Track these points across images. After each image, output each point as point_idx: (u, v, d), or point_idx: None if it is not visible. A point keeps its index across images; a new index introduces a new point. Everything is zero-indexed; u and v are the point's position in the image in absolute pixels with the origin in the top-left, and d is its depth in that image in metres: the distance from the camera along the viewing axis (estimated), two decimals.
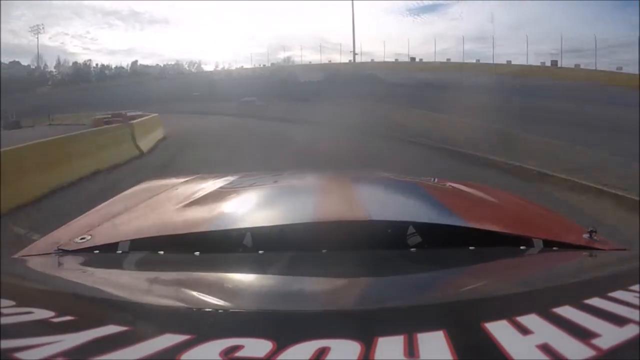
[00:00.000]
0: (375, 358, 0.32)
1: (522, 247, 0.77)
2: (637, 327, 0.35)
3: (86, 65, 49.88)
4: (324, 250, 0.71)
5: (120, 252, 0.75)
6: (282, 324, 0.40)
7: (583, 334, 0.34)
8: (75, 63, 50.04)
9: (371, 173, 1.43)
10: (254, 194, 1.06)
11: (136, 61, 49.27)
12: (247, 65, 39.87)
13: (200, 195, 1.02)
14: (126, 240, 0.77)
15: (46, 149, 5.18)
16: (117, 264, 0.71)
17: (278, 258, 0.69)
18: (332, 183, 1.21)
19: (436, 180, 1.32)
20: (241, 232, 0.82)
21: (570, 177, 4.64)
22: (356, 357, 0.31)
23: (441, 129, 8.49)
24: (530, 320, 0.36)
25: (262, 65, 38.54)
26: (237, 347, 0.33)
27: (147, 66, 46.73)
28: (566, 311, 0.38)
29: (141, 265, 0.71)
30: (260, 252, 0.75)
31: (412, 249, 0.79)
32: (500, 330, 0.35)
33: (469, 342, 0.35)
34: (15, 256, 0.75)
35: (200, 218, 0.87)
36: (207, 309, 0.47)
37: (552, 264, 0.73)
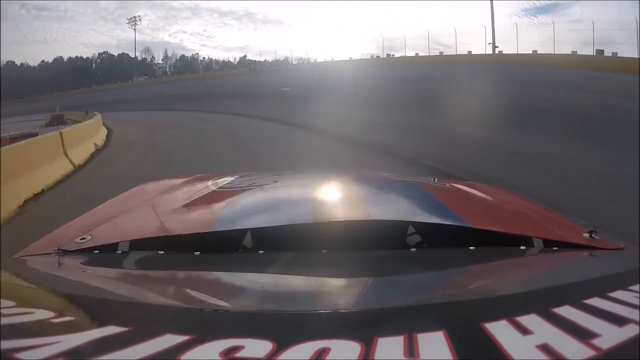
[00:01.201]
0: (375, 358, 0.32)
1: (522, 247, 0.77)
2: (637, 327, 0.35)
3: (194, 58, 54.54)
4: (324, 250, 0.71)
5: (120, 252, 0.75)
6: (282, 324, 0.40)
7: (583, 334, 0.34)
8: (182, 56, 55.63)
9: (371, 173, 1.43)
10: (254, 194, 1.06)
11: (245, 56, 53.13)
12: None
13: (200, 195, 1.02)
14: (126, 240, 0.77)
15: None
16: (117, 264, 0.71)
17: (278, 258, 0.69)
18: (332, 183, 1.21)
19: (436, 180, 1.32)
20: (241, 232, 0.82)
21: None
22: (356, 357, 0.31)
23: None
24: (530, 320, 0.36)
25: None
26: (237, 347, 0.33)
27: (254, 61, 49.66)
28: (566, 311, 0.38)
29: (141, 265, 0.71)
30: (260, 252, 0.75)
31: (412, 249, 0.79)
32: (500, 330, 0.35)
33: (469, 342, 0.35)
34: (15, 256, 0.75)
35: (200, 218, 0.88)
36: (207, 309, 0.47)
37: (552, 264, 0.73)
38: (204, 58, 56.84)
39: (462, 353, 0.32)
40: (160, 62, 55.06)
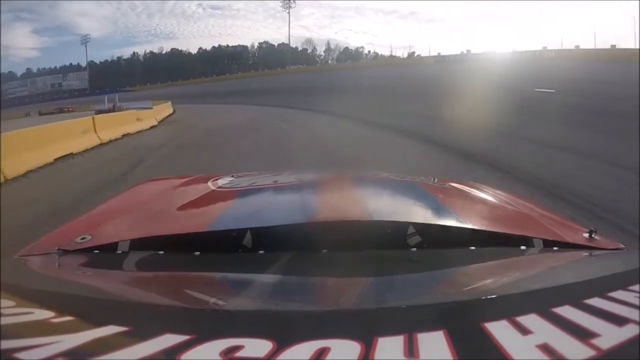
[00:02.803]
0: (375, 358, 0.32)
1: (522, 247, 0.77)
2: (637, 327, 0.35)
3: (358, 51, 57.72)
4: (324, 250, 0.71)
5: (120, 252, 0.75)
6: (282, 324, 0.40)
7: (583, 334, 0.34)
8: (346, 48, 59.88)
9: (371, 173, 1.43)
10: (254, 194, 1.06)
11: (413, 52, 54.04)
12: None
13: (200, 195, 1.02)
14: (126, 240, 0.77)
15: None
16: (117, 264, 0.71)
17: (278, 258, 0.69)
18: (332, 183, 1.21)
19: (436, 180, 1.32)
20: (241, 232, 0.82)
21: None
22: (356, 357, 0.31)
23: None
24: (530, 320, 0.36)
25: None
26: (237, 347, 0.33)
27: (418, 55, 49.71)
28: (566, 311, 0.38)
29: (141, 265, 0.71)
30: (260, 252, 0.75)
31: (412, 249, 0.79)
32: (500, 330, 0.35)
33: (469, 342, 0.35)
34: (15, 256, 0.75)
35: (200, 218, 0.88)
36: (207, 309, 0.47)
37: (552, 264, 0.73)
38: (369, 52, 59.29)
39: (462, 353, 0.32)
40: (322, 53, 58.32)
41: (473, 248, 0.73)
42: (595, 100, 9.59)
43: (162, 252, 0.73)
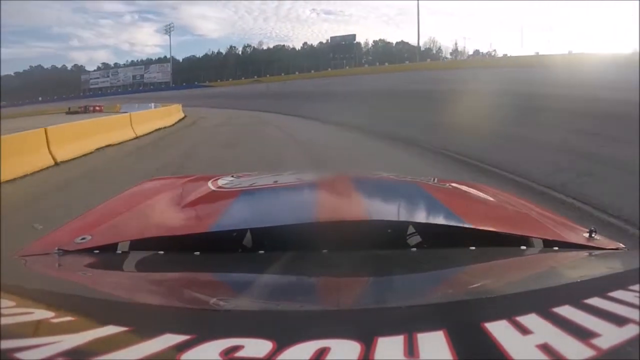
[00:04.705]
0: (375, 358, 0.32)
1: (522, 247, 0.77)
2: (637, 327, 0.35)
3: (489, 54, 51.70)
4: (324, 250, 0.71)
5: (120, 252, 0.75)
6: (282, 324, 0.40)
7: (583, 334, 0.34)
8: (477, 51, 53.92)
9: (371, 173, 1.43)
10: (254, 194, 1.06)
11: (537, 52, 46.03)
12: None
13: (200, 195, 1.02)
14: (126, 240, 0.77)
15: None
16: (117, 264, 0.71)
17: (278, 258, 0.69)
18: (332, 183, 1.21)
19: (436, 180, 1.32)
20: (241, 232, 0.82)
21: None
22: (356, 357, 0.31)
23: None
24: (530, 320, 0.36)
25: None
26: (237, 347, 0.33)
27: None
28: (566, 311, 0.38)
29: (141, 265, 0.71)
30: (260, 252, 0.75)
31: (412, 249, 0.79)
32: (500, 330, 0.35)
33: (469, 342, 0.35)
34: (15, 256, 0.75)
35: (200, 218, 0.88)
36: (207, 309, 0.47)
37: (552, 264, 0.73)
38: (494, 51, 54.31)
39: (462, 353, 0.32)
40: (448, 56, 54.82)
41: (473, 248, 0.73)
42: None
43: (162, 252, 0.73)
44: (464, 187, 1.20)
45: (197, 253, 0.71)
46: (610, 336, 0.34)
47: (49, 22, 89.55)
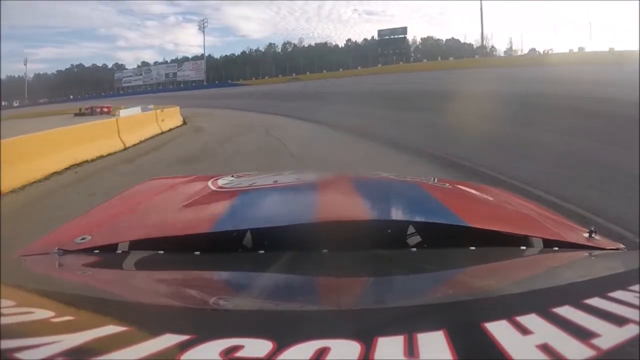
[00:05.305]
0: (375, 358, 0.32)
1: (522, 247, 0.77)
2: (637, 327, 0.35)
3: (546, 53, 48.25)
4: (324, 250, 0.71)
5: (120, 252, 0.75)
6: (282, 324, 0.40)
7: (583, 334, 0.34)
8: (533, 49, 48.87)
9: (371, 173, 1.43)
10: (254, 194, 1.06)
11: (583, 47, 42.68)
12: None
13: (200, 195, 1.02)
14: (126, 240, 0.77)
15: None
16: (117, 264, 0.71)
17: (278, 258, 0.69)
18: (332, 183, 1.21)
19: (436, 180, 1.32)
20: (241, 232, 0.82)
21: None
22: (356, 357, 0.31)
23: None
24: (530, 320, 0.36)
25: None
26: (237, 347, 0.33)
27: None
28: (566, 311, 0.38)
29: (141, 265, 0.71)
30: (260, 252, 0.75)
31: (412, 249, 0.79)
32: (500, 330, 0.35)
33: (469, 342, 0.35)
34: (15, 256, 0.75)
35: (200, 218, 0.88)
36: (207, 309, 0.47)
37: (552, 264, 0.73)
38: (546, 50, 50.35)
39: (462, 353, 0.32)
40: (501, 54, 51.32)
41: (473, 248, 0.73)
42: None
43: (162, 252, 0.73)
44: (464, 187, 1.20)
45: (197, 253, 0.71)
46: (610, 336, 0.34)
47: (97, 23, 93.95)
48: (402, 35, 52.27)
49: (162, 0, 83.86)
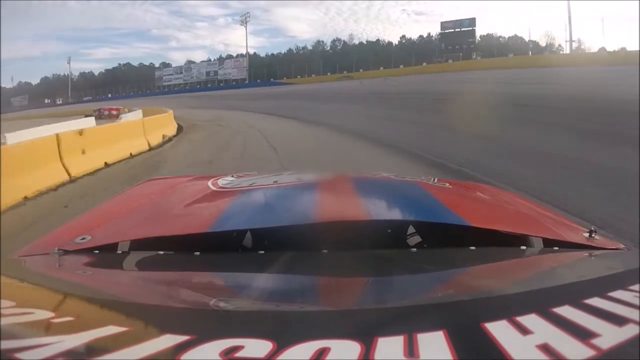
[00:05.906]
0: (375, 358, 0.32)
1: (522, 247, 0.77)
2: (637, 327, 0.35)
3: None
4: (324, 250, 0.71)
5: (120, 252, 0.75)
6: (282, 324, 0.40)
7: (583, 334, 0.34)
8: (602, 48, 44.30)
9: (371, 173, 1.43)
10: (254, 194, 1.06)
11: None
12: None
13: (200, 195, 1.02)
14: (126, 240, 0.77)
15: None
16: (117, 264, 0.71)
17: (278, 258, 0.69)
18: (332, 183, 1.21)
19: (436, 180, 1.32)
20: (241, 232, 0.82)
21: None
22: (356, 357, 0.31)
23: None
24: (530, 320, 0.36)
25: None
26: (237, 347, 0.33)
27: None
28: (566, 311, 0.38)
29: (141, 266, 0.71)
30: (260, 252, 0.75)
31: (412, 249, 0.79)
32: (500, 330, 0.35)
33: (469, 342, 0.35)
34: (15, 256, 0.75)
35: (200, 218, 0.88)
36: (207, 309, 0.47)
37: (552, 264, 0.73)
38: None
39: (462, 353, 0.32)
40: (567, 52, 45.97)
41: (473, 248, 0.73)
42: None
43: (162, 252, 0.73)
44: (463, 187, 1.20)
45: (197, 253, 0.71)
46: (610, 336, 0.34)
47: (150, 25, 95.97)
48: (470, 28, 46.51)
49: (212, 0, 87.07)
